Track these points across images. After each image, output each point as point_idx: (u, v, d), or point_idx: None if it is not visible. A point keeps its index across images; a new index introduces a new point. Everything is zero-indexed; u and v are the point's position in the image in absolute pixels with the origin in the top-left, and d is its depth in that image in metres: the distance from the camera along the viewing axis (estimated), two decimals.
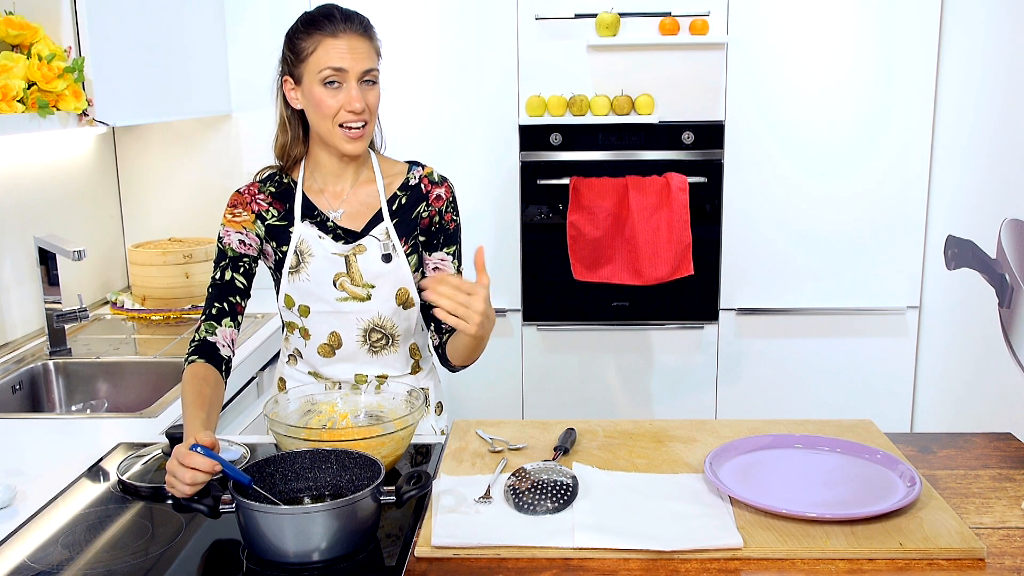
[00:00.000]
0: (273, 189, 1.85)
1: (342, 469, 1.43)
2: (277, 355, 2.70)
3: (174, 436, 1.58)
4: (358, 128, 1.72)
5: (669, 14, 3.04)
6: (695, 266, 3.10)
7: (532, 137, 3.12)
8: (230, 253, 1.80)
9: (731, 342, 3.26)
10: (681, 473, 1.56)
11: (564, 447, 1.64)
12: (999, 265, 2.72)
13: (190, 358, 1.71)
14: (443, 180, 1.86)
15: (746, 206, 3.16)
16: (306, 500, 1.42)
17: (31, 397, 2.33)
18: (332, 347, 1.84)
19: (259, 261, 1.84)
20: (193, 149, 3.18)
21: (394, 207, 1.83)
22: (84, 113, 2.27)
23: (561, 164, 3.13)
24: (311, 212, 1.82)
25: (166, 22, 2.70)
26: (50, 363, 2.38)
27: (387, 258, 1.79)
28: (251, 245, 1.81)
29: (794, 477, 1.52)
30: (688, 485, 1.50)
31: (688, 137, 3.10)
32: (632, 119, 3.05)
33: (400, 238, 1.81)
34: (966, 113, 2.95)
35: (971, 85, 2.92)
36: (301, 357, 1.90)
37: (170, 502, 1.49)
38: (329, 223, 1.81)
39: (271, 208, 1.83)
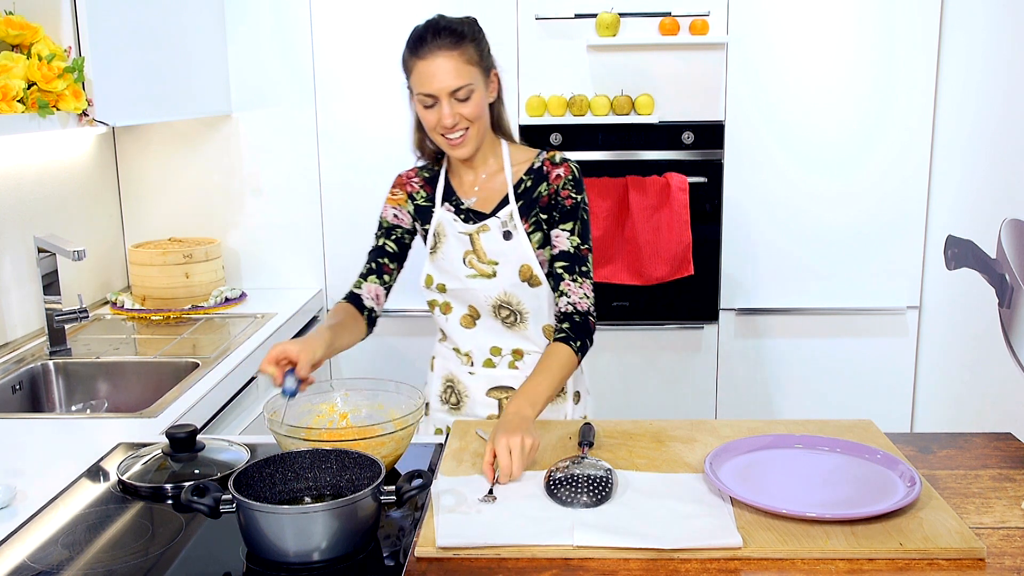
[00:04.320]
0: (427, 175, 2.01)
1: (342, 469, 1.43)
2: None
3: (174, 436, 1.59)
4: (457, 137, 1.84)
5: (669, 14, 3.04)
6: (695, 266, 3.10)
7: (532, 137, 3.11)
8: (385, 224, 2.00)
9: (731, 342, 3.26)
10: (681, 473, 1.56)
11: (588, 440, 1.65)
12: (999, 265, 2.72)
13: (337, 303, 1.93)
14: (564, 161, 1.94)
15: (746, 206, 3.16)
16: (306, 500, 1.42)
17: (31, 397, 2.33)
18: (472, 317, 1.96)
19: (414, 236, 2.02)
20: (193, 149, 3.18)
21: (520, 190, 1.93)
22: (84, 113, 2.26)
23: None
24: (450, 197, 1.96)
25: (166, 22, 2.70)
26: (50, 363, 2.37)
27: (507, 235, 1.90)
28: (403, 219, 2.00)
29: (794, 477, 1.52)
30: (688, 485, 1.50)
31: (688, 137, 3.10)
32: (632, 119, 3.05)
33: (522, 217, 1.91)
34: (966, 113, 2.95)
35: (971, 85, 2.92)
36: (445, 336, 2.02)
37: (170, 502, 1.50)
38: (463, 206, 1.94)
39: (421, 190, 2.00)
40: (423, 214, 1.98)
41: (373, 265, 1.97)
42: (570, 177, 1.92)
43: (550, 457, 1.63)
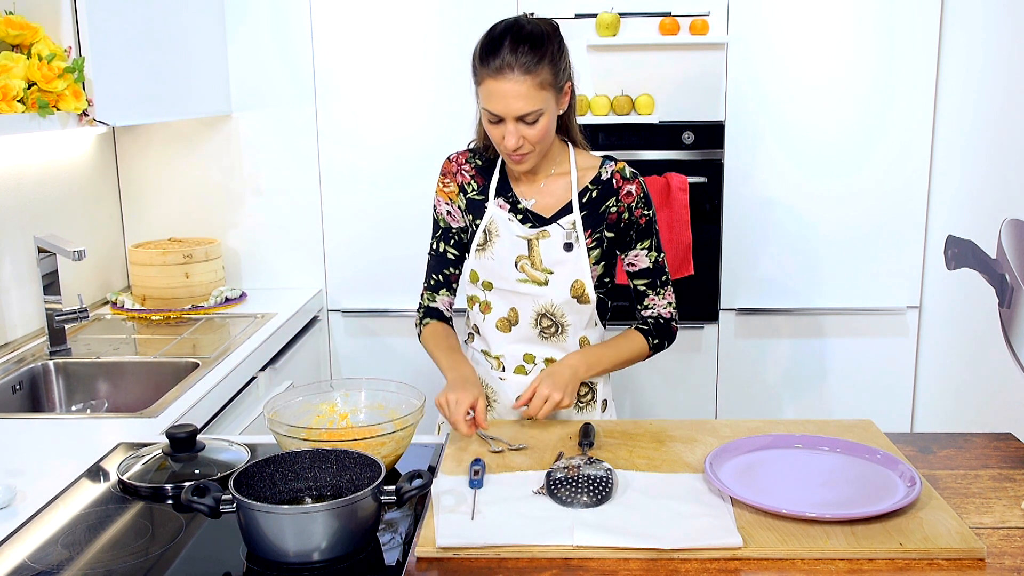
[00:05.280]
0: (479, 162, 1.93)
1: (342, 469, 1.43)
2: (276, 356, 2.70)
3: (174, 436, 1.58)
4: (518, 155, 1.79)
5: (669, 14, 3.04)
6: (695, 266, 3.10)
7: None
8: (442, 224, 1.94)
9: (731, 342, 3.26)
10: (681, 473, 1.56)
11: (588, 440, 1.65)
12: (999, 265, 2.72)
13: (424, 321, 1.95)
14: (634, 176, 1.88)
15: (746, 206, 3.16)
16: (306, 500, 1.42)
17: (31, 397, 2.33)
18: (510, 322, 1.90)
19: (468, 231, 1.94)
20: (193, 149, 3.18)
21: (584, 199, 1.87)
22: (84, 113, 2.26)
23: None
24: (506, 192, 1.89)
25: (166, 22, 2.70)
26: (50, 363, 2.38)
27: (568, 247, 1.84)
28: (456, 217, 1.93)
29: (794, 477, 1.52)
30: (688, 485, 1.50)
31: (688, 137, 3.10)
32: (632, 119, 3.05)
33: (585, 230, 1.85)
34: (966, 113, 2.95)
35: (971, 85, 2.92)
36: (478, 334, 1.96)
37: (170, 502, 1.50)
38: (520, 205, 1.88)
39: (473, 181, 1.92)
40: (474, 208, 1.90)
41: (440, 278, 1.95)
42: (641, 195, 1.87)
43: (550, 457, 1.63)
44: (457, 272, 1.96)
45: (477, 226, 1.89)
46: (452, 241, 1.94)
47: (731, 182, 3.14)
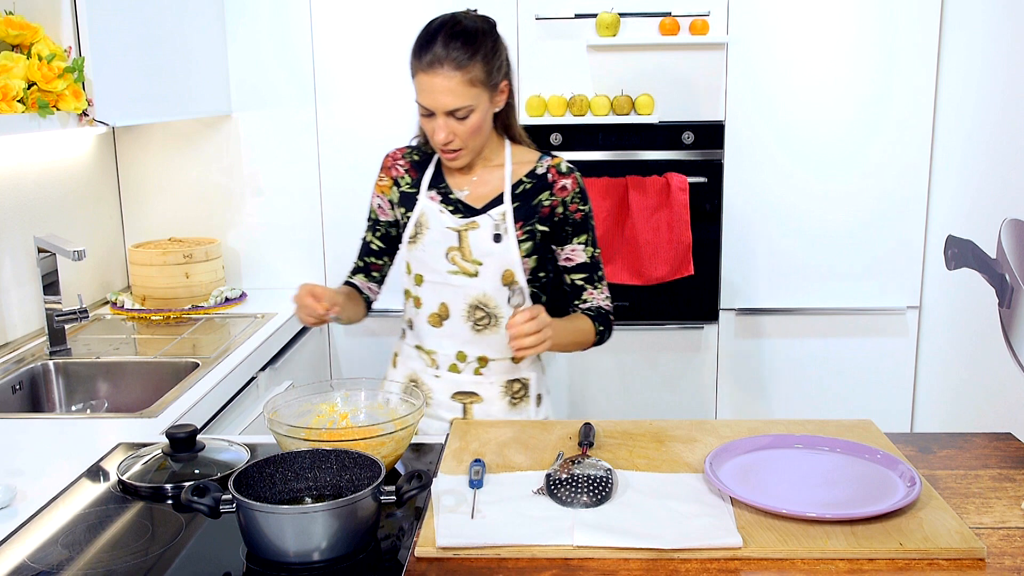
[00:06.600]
0: (416, 157, 1.96)
1: (342, 469, 1.43)
2: (276, 356, 2.70)
3: (174, 436, 1.59)
4: (450, 152, 1.81)
5: (669, 14, 3.04)
6: (695, 266, 3.10)
7: (532, 137, 3.07)
8: (372, 216, 2.00)
9: (731, 342, 3.26)
10: (681, 473, 1.56)
11: (588, 440, 1.65)
12: (999, 265, 2.72)
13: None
14: (570, 171, 1.90)
15: (746, 206, 3.16)
16: (306, 500, 1.42)
17: (31, 397, 2.33)
18: (440, 317, 1.91)
19: (399, 227, 1.98)
20: (193, 149, 3.18)
21: (517, 191, 1.88)
22: (84, 113, 2.27)
23: None
24: (439, 184, 1.91)
25: (166, 22, 2.70)
26: (50, 363, 2.38)
27: (497, 238, 1.85)
28: (386, 211, 1.97)
29: (794, 477, 1.52)
30: (688, 485, 1.50)
31: (688, 137, 3.10)
32: (632, 119, 3.05)
33: (516, 222, 1.86)
34: (966, 113, 2.95)
35: (971, 85, 2.92)
36: (411, 328, 1.98)
37: (170, 502, 1.50)
38: (452, 196, 1.89)
39: (407, 175, 1.95)
40: (406, 201, 1.93)
41: (361, 264, 2.01)
42: (577, 190, 1.89)
43: (550, 457, 1.63)
44: (381, 262, 2.01)
45: (409, 219, 1.91)
46: (379, 234, 1.99)
47: (731, 182, 3.14)
